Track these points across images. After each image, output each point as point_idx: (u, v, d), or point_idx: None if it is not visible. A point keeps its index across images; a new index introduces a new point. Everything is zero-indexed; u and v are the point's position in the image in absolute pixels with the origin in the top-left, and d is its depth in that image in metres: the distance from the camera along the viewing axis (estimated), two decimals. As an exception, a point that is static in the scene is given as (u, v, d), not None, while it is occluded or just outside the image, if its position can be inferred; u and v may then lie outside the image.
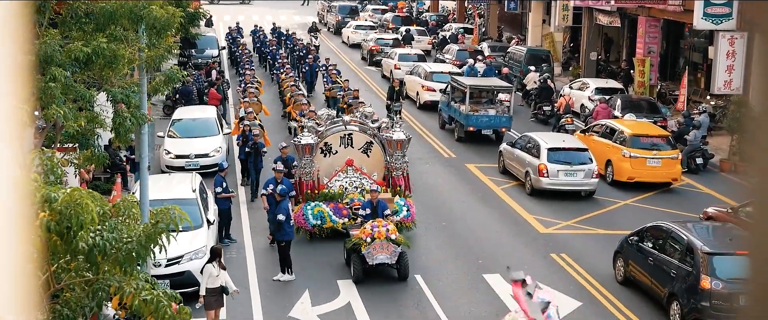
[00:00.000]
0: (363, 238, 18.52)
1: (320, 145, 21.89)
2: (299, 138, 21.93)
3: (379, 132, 22.22)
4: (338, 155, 22.06)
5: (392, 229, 18.76)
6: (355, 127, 22.36)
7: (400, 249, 18.58)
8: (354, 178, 21.77)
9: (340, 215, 21.11)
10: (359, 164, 21.96)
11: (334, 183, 21.67)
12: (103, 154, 17.16)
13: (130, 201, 8.46)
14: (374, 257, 18.35)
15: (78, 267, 8.04)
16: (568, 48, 50.11)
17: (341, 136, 22.14)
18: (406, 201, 21.65)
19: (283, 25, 56.65)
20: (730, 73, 31.58)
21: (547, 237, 22.17)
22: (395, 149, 21.86)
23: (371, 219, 19.14)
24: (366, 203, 20.16)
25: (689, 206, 23.96)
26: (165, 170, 26.32)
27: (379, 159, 22.19)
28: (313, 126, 22.04)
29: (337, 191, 21.55)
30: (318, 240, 21.10)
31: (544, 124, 34.77)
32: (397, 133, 21.99)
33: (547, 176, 25.04)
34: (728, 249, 17.00)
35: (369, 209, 19.73)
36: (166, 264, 17.49)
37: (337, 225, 21.05)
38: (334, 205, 21.23)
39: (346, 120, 22.60)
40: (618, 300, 18.40)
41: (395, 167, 21.90)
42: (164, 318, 7.72)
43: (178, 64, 36.07)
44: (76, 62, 13.98)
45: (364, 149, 22.20)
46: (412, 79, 39.25)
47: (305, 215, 21.10)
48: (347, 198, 21.37)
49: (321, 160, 21.90)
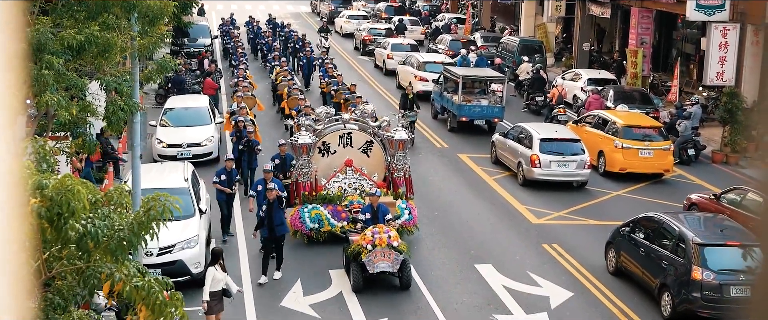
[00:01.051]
0: (363, 245, 17.58)
1: (318, 145, 20.96)
2: (296, 137, 20.91)
3: (379, 131, 21.31)
4: (337, 155, 21.13)
5: (394, 236, 17.85)
6: (355, 125, 21.42)
7: (402, 256, 17.67)
8: (353, 180, 20.82)
9: (338, 218, 20.18)
10: (359, 165, 21.05)
11: (332, 184, 20.74)
12: (94, 142, 17.11)
13: (121, 190, 8.44)
14: (375, 265, 17.45)
15: (70, 255, 8.02)
16: (561, 38, 50.14)
17: (340, 135, 21.18)
18: (408, 204, 20.76)
19: (276, 16, 56.13)
20: (723, 65, 31.62)
21: (539, 227, 22.21)
22: (397, 149, 20.87)
23: (372, 225, 18.20)
24: (366, 207, 19.13)
25: (681, 197, 24.01)
26: (157, 159, 26.27)
27: (379, 159, 21.23)
28: (311, 124, 21.16)
29: (336, 193, 20.62)
30: (316, 243, 20.32)
31: (536, 115, 34.78)
32: (398, 133, 21.01)
33: (539, 167, 25.07)
34: (720, 240, 17.08)
35: (369, 214, 18.70)
36: (158, 253, 17.47)
37: (335, 229, 20.10)
38: (332, 208, 20.31)
39: (346, 118, 21.58)
40: (609, 290, 18.45)
41: (397, 168, 20.96)
42: (156, 304, 7.71)
43: (171, 53, 35.95)
44: (69, 50, 13.93)
45: (364, 149, 21.25)
46: (405, 69, 39.25)
47: (302, 218, 20.21)
48: (346, 200, 20.44)
49: (319, 160, 20.99)
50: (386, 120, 21.96)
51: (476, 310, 17.28)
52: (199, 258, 18.01)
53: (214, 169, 26.19)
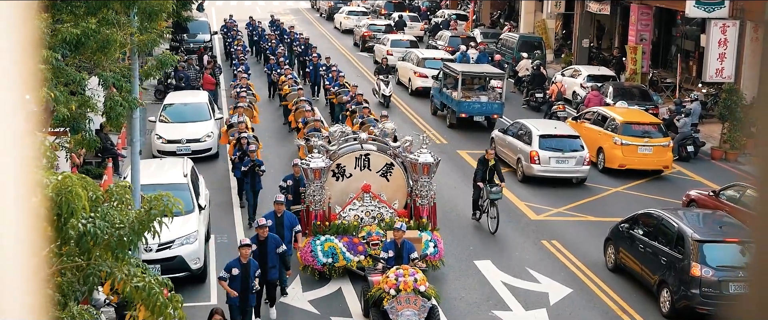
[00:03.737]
0: (386, 289, 15.22)
1: (332, 168, 18.63)
2: (308, 160, 18.35)
3: (401, 152, 19.06)
4: (353, 179, 18.82)
5: (421, 279, 15.33)
6: (373, 145, 19.27)
7: (430, 303, 15.28)
8: (371, 207, 18.55)
9: (355, 251, 17.99)
10: (377, 190, 18.76)
11: (347, 212, 18.50)
12: (94, 138, 17.10)
13: (122, 186, 8.44)
14: (399, 313, 15.05)
15: (70, 251, 8.02)
16: (561, 35, 50.12)
17: (356, 157, 18.88)
18: (433, 236, 18.52)
19: (273, 13, 55.49)
20: (722, 61, 31.62)
21: (538, 223, 22.22)
22: (421, 174, 18.43)
23: (395, 265, 15.85)
24: (389, 244, 16.68)
25: (680, 194, 24.02)
26: (156, 155, 26.27)
27: (400, 184, 19.02)
28: (324, 145, 18.80)
29: (352, 222, 18.32)
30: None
31: (536, 111, 34.78)
32: (423, 156, 18.47)
33: (538, 163, 25.08)
34: (719, 236, 17.09)
35: (392, 251, 16.33)
36: (158, 248, 17.48)
37: (351, 264, 17.93)
38: (347, 240, 18.05)
39: (363, 138, 19.31)
40: (608, 286, 18.47)
41: (421, 195, 18.58)
42: (156, 304, 7.71)
43: (170, 49, 35.91)
44: (65, 44, 13.91)
45: (384, 172, 18.96)
46: (404, 65, 39.23)
47: (314, 251, 17.96)
48: (363, 231, 18.05)
49: (333, 185, 18.69)
50: (408, 140, 19.55)
51: (475, 306, 17.30)
52: (199, 254, 18.02)
53: (213, 165, 26.31)
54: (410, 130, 29.98)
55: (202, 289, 17.96)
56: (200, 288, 18.00)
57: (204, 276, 18.26)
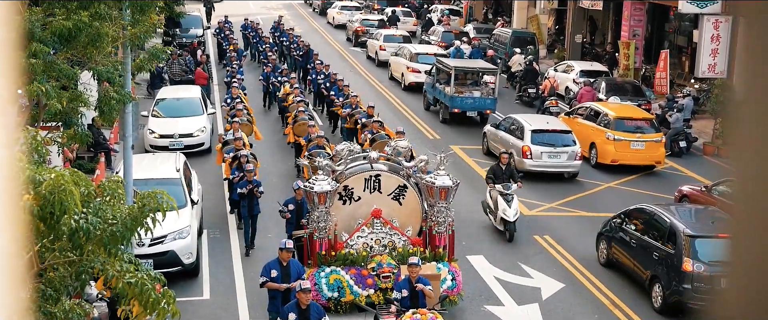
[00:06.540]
0: None
1: (338, 190, 16.71)
2: (312, 182, 16.25)
3: (415, 172, 17.25)
4: (362, 202, 16.95)
5: None
6: (384, 165, 17.40)
7: None
8: (382, 234, 16.73)
9: (363, 285, 16.23)
10: (389, 215, 16.88)
11: (356, 240, 16.70)
12: (85, 132, 17.06)
13: (115, 181, 8.43)
14: None
15: (62, 246, 8.01)
16: (554, 30, 50.15)
17: (366, 178, 16.98)
18: (451, 267, 16.73)
19: (266, 12, 54.74)
20: (715, 57, 31.67)
21: (530, 219, 22.24)
22: (438, 198, 16.45)
23: (410, 306, 14.11)
24: (402, 282, 14.75)
25: (672, 189, 24.06)
26: (149, 150, 26.23)
27: (414, 208, 17.15)
28: (329, 164, 16.86)
29: (360, 252, 16.57)
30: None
31: (528, 106, 34.81)
32: (440, 178, 16.47)
33: (530, 158, 25.11)
34: (710, 232, 17.12)
35: (407, 290, 14.42)
36: (150, 243, 17.46)
37: (359, 298, 15.99)
38: (356, 271, 16.31)
39: (373, 156, 17.35)
40: (600, 282, 18.50)
41: (438, 222, 16.65)
42: (149, 300, 7.71)
43: (163, 43, 35.81)
44: (57, 38, 13.87)
45: (396, 195, 17.09)
46: (397, 61, 39.24)
47: (318, 285, 16.11)
48: (373, 261, 16.34)
49: (340, 210, 16.77)
50: (424, 159, 17.79)
51: (467, 301, 17.29)
52: (191, 249, 18.00)
53: (206, 160, 26.24)
54: (402, 123, 29.96)
55: (194, 284, 17.94)
56: (193, 282, 17.98)
57: (197, 271, 18.25)
